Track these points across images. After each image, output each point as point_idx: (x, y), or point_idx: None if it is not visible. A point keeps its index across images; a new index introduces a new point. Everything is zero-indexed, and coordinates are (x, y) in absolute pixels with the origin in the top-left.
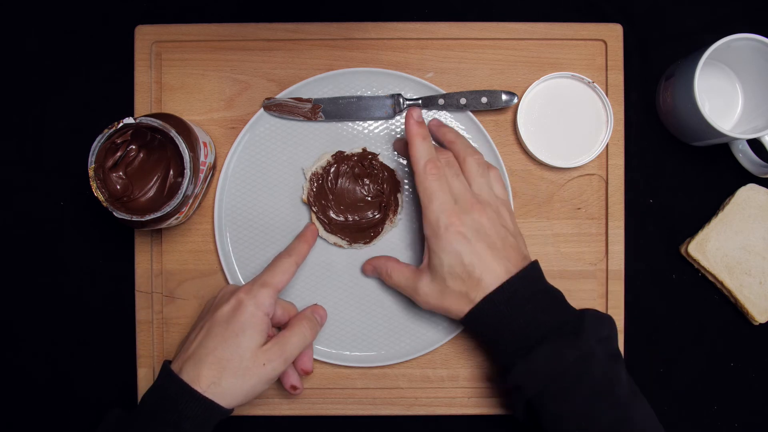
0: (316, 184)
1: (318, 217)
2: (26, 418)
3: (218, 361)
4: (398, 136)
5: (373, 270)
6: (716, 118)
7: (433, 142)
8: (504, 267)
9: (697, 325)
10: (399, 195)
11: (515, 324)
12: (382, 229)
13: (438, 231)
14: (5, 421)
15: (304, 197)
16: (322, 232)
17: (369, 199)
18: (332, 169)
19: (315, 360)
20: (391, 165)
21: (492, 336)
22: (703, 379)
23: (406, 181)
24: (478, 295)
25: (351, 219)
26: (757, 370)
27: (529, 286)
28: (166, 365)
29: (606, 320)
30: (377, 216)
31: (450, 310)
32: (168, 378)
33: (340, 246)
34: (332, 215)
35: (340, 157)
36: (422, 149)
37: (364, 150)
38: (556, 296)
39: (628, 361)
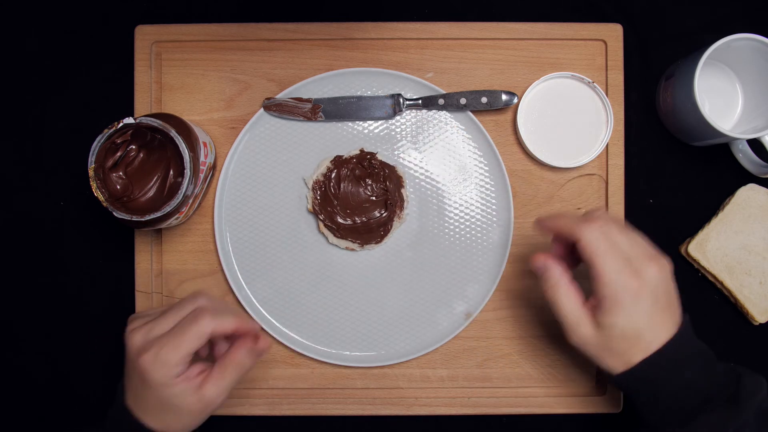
0: (319, 192)
1: (326, 225)
2: (26, 418)
3: (161, 420)
4: (544, 219)
5: (544, 269)
6: (716, 118)
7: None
8: (667, 328)
9: (697, 325)
10: (403, 190)
11: (671, 388)
12: (391, 227)
13: (617, 294)
14: (5, 421)
15: (309, 207)
16: (332, 238)
17: (374, 198)
18: (333, 175)
19: (315, 360)
20: (390, 162)
21: (645, 397)
22: None
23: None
24: (638, 357)
25: (359, 221)
26: (757, 370)
27: (685, 347)
28: (121, 401)
29: (759, 380)
30: (384, 214)
31: (602, 364)
32: (123, 411)
33: (353, 249)
34: (340, 220)
35: (339, 162)
36: (592, 231)
37: (362, 150)
38: (708, 356)
39: None
